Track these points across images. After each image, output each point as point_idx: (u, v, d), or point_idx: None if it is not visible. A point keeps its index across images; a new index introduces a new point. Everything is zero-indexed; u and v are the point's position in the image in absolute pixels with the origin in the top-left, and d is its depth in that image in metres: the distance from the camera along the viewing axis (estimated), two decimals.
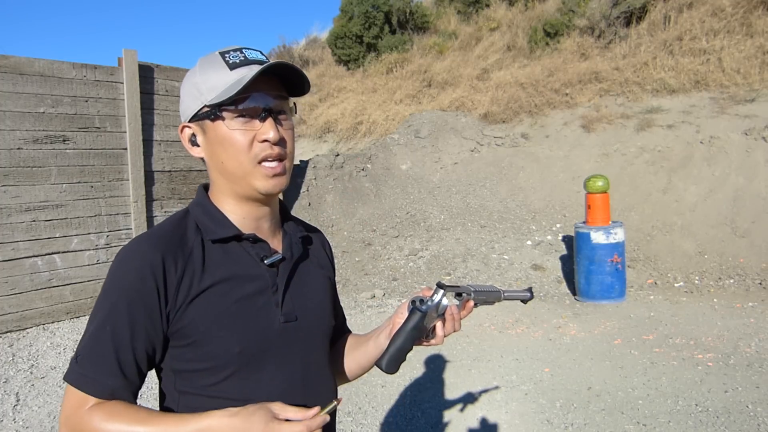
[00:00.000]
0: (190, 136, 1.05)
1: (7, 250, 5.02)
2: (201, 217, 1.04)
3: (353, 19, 12.16)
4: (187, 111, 1.03)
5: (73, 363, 0.95)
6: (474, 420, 3.36)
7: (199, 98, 1.00)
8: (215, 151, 1.02)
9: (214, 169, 1.05)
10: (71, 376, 0.95)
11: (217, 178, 1.05)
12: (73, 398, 0.94)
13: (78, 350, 0.96)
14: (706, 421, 3.19)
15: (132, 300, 0.94)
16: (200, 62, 1.03)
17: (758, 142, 6.96)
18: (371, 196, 8.41)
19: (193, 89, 1.01)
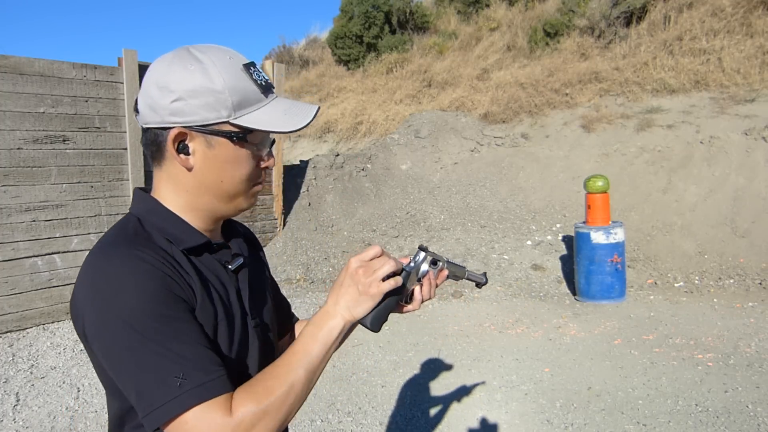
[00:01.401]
0: (180, 141, 0.92)
1: (7, 250, 5.02)
2: (162, 225, 0.94)
3: (353, 19, 12.16)
4: (185, 116, 0.90)
5: (176, 389, 0.81)
6: (474, 420, 3.36)
7: (219, 109, 0.90)
8: (218, 168, 0.94)
9: (198, 187, 0.95)
10: (191, 399, 0.81)
11: (194, 195, 0.96)
12: (206, 417, 0.81)
13: (162, 375, 0.81)
14: (706, 421, 3.19)
15: (170, 304, 0.86)
16: (213, 63, 0.90)
17: (758, 142, 6.97)
18: (371, 196, 8.41)
19: (213, 95, 0.89)
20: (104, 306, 0.83)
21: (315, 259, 7.09)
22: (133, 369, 0.82)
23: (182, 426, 0.81)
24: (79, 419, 3.51)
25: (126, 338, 0.82)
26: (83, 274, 0.89)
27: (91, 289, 0.86)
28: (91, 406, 3.69)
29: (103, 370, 0.91)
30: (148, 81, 0.92)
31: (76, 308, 0.89)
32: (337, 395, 3.73)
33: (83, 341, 0.90)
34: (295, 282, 6.61)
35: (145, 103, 0.92)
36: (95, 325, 0.85)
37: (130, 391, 0.84)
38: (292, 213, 7.80)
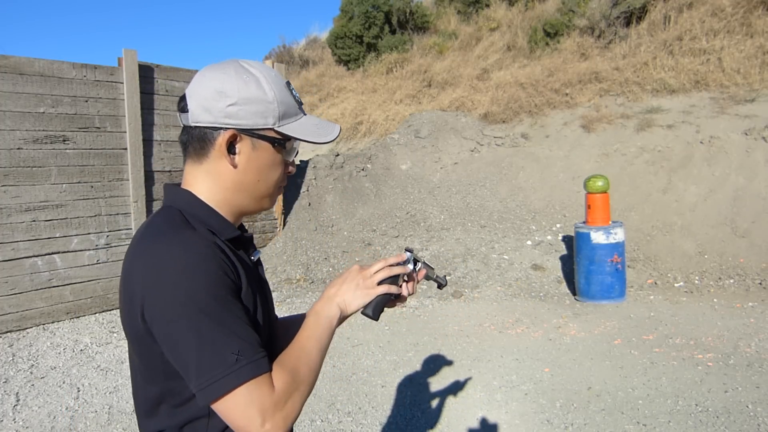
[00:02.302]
0: (231, 141, 1.02)
1: (7, 250, 5.02)
2: (202, 217, 1.02)
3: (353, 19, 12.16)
4: (239, 119, 1.00)
5: (233, 364, 0.88)
6: (474, 420, 3.36)
7: (267, 117, 1.02)
8: (254, 171, 1.04)
9: (237, 185, 1.04)
10: (247, 373, 0.89)
11: (231, 192, 1.05)
12: (256, 390, 0.89)
13: (220, 350, 0.89)
14: (706, 421, 3.19)
15: (226, 286, 0.94)
16: (263, 76, 1.02)
17: (758, 142, 6.97)
18: (371, 196, 8.41)
19: (264, 104, 1.01)
20: (169, 286, 0.90)
21: (315, 259, 7.10)
22: (194, 344, 0.89)
23: (236, 399, 0.88)
24: (79, 419, 3.52)
25: (189, 315, 0.89)
26: (141, 259, 0.95)
27: (152, 271, 0.92)
28: (91, 406, 3.69)
29: (149, 354, 0.97)
30: (203, 85, 1.01)
31: (132, 293, 0.95)
32: (337, 395, 3.73)
33: (136, 326, 0.96)
34: (295, 282, 6.61)
35: (198, 104, 1.01)
36: (158, 306, 0.91)
37: (189, 365, 0.89)
38: (292, 213, 7.81)
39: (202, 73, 1.03)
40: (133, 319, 0.96)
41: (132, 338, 1.00)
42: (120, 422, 3.48)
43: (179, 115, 1.05)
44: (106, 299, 5.68)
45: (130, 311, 0.96)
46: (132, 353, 1.05)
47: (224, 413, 0.89)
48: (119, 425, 3.44)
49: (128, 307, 0.97)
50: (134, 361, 1.05)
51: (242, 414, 0.88)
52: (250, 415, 0.88)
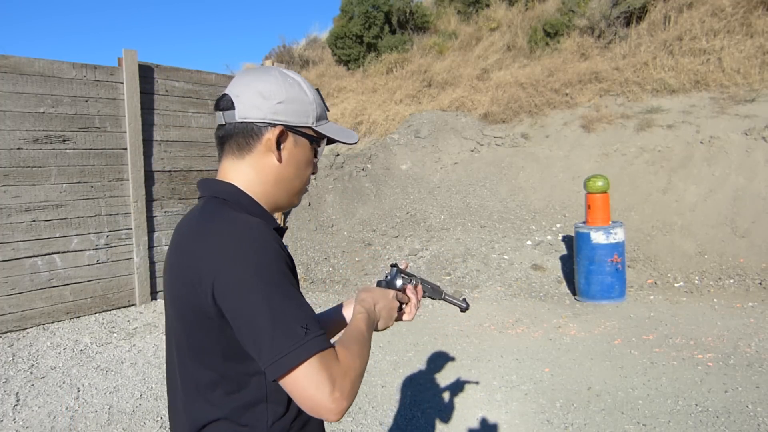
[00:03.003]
0: (280, 139, 1.09)
1: (7, 250, 5.02)
2: (248, 207, 1.08)
3: (353, 19, 12.16)
4: (286, 116, 1.08)
5: (303, 337, 0.91)
6: (474, 420, 3.36)
7: (308, 116, 1.11)
8: (294, 166, 1.12)
9: (277, 179, 1.11)
10: (316, 345, 0.91)
11: (270, 186, 1.11)
12: (325, 362, 0.91)
13: (283, 325, 0.91)
14: (706, 421, 3.19)
15: (286, 264, 0.99)
16: (302, 81, 1.12)
17: (758, 142, 6.96)
18: (371, 196, 8.41)
19: (305, 105, 1.10)
20: (240, 262, 0.93)
21: (315, 259, 7.10)
22: (267, 317, 0.91)
23: (307, 369, 0.90)
24: (79, 419, 3.51)
25: (262, 289, 0.92)
26: (205, 240, 0.98)
27: (221, 249, 0.95)
28: (91, 406, 3.69)
29: (211, 336, 0.99)
30: (250, 85, 1.08)
31: (197, 274, 0.97)
32: None
33: (201, 307, 0.97)
34: None
35: (247, 101, 1.07)
36: (231, 281, 0.93)
37: (262, 338, 0.91)
38: (292, 213, 7.80)
39: (246, 76, 1.11)
40: (198, 300, 0.97)
41: (190, 322, 1.02)
42: (120, 422, 3.47)
43: (221, 113, 1.10)
44: (106, 299, 5.68)
45: (195, 293, 0.97)
46: (182, 339, 1.06)
47: (293, 384, 0.90)
48: (119, 425, 3.44)
49: (189, 290, 0.98)
50: (184, 348, 1.06)
51: (313, 383, 0.90)
52: (320, 384, 0.90)
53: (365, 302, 1.16)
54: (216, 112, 1.12)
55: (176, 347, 1.09)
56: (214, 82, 6.64)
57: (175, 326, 1.08)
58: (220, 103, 1.10)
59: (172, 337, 1.10)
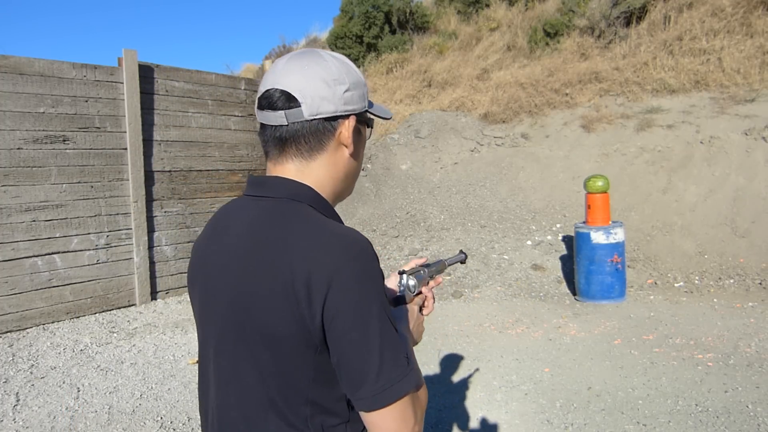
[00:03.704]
0: (354, 128, 1.00)
1: (7, 250, 5.02)
2: (329, 213, 1.00)
3: (353, 19, 12.16)
4: (355, 104, 0.99)
5: (406, 369, 0.86)
6: (474, 420, 3.36)
7: (365, 99, 1.02)
8: (360, 154, 1.05)
9: (347, 173, 1.04)
10: (414, 378, 0.87)
11: (340, 181, 1.03)
12: (414, 396, 0.88)
13: (392, 358, 0.86)
14: (706, 421, 3.19)
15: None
16: (346, 59, 1.01)
17: (758, 142, 6.96)
18: (371, 196, 8.41)
19: (363, 87, 1.01)
20: (358, 282, 0.85)
21: None
22: (377, 345, 0.84)
23: (402, 404, 0.85)
24: (79, 419, 3.51)
25: (377, 316, 0.85)
26: (311, 248, 0.86)
27: (335, 263, 0.85)
28: (91, 406, 3.69)
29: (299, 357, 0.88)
30: (307, 76, 0.95)
31: (312, 289, 0.84)
32: None
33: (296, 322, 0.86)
34: None
35: (315, 95, 0.94)
36: (347, 300, 0.84)
37: (369, 367, 0.84)
38: None
39: (296, 63, 0.97)
40: (292, 318, 0.86)
41: (278, 342, 0.88)
42: (120, 422, 3.47)
43: (281, 113, 0.95)
44: (106, 299, 5.68)
45: (291, 309, 0.86)
46: (255, 354, 0.92)
47: (386, 416, 0.85)
48: (119, 425, 3.44)
49: (283, 307, 0.86)
50: (257, 364, 0.92)
51: (403, 417, 0.86)
52: (408, 419, 0.86)
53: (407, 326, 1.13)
54: (266, 111, 0.97)
55: (243, 362, 0.94)
56: (214, 82, 6.64)
57: (240, 338, 0.93)
58: (276, 102, 0.96)
59: (232, 350, 0.95)
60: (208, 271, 1.00)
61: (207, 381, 1.03)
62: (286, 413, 0.91)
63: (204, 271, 1.01)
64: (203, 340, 1.03)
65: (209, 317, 1.00)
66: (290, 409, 0.91)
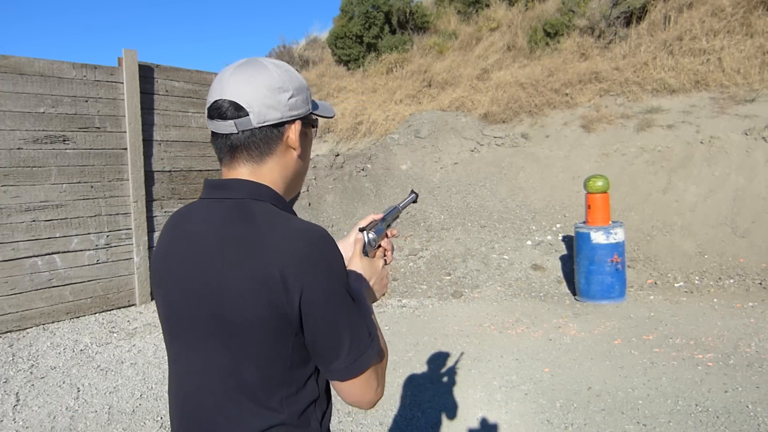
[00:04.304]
0: (300, 131, 1.08)
1: (7, 250, 5.02)
2: (288, 209, 1.08)
3: (353, 19, 12.16)
4: (299, 109, 1.06)
5: (368, 340, 0.99)
6: (474, 420, 3.36)
7: (308, 102, 1.09)
8: (307, 154, 1.12)
9: (297, 172, 1.11)
10: (376, 347, 1.01)
11: (291, 180, 1.11)
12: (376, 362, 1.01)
13: (359, 331, 0.99)
14: (706, 421, 3.19)
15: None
16: (291, 68, 1.09)
17: (758, 142, 6.96)
18: (371, 196, 8.41)
19: (306, 90, 1.08)
20: (331, 271, 0.96)
21: None
22: (347, 323, 0.97)
23: (370, 372, 1.00)
24: (79, 419, 3.52)
25: (344, 296, 0.97)
26: (285, 240, 0.95)
27: (310, 254, 0.94)
28: (91, 406, 3.69)
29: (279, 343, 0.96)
30: (252, 86, 1.01)
31: (281, 274, 0.92)
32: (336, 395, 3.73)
33: (275, 311, 0.93)
34: None
35: (261, 104, 1.01)
36: (323, 291, 0.95)
37: (342, 343, 0.96)
38: None
39: (240, 75, 1.02)
40: (276, 302, 0.93)
41: (255, 325, 0.94)
42: (120, 422, 3.48)
43: (231, 122, 1.01)
44: (106, 299, 5.68)
45: (271, 293, 0.92)
46: (233, 344, 0.97)
47: (355, 384, 0.99)
48: (119, 425, 3.44)
49: (262, 289, 0.92)
50: (233, 354, 0.98)
51: (369, 383, 1.00)
52: (372, 383, 1.00)
53: (363, 281, 1.20)
54: (217, 121, 1.02)
55: (215, 353, 0.99)
56: None
57: (212, 330, 0.98)
58: (225, 112, 1.01)
59: (203, 342, 1.00)
60: (173, 272, 1.05)
61: (177, 376, 1.08)
62: (260, 396, 0.98)
63: (168, 273, 1.06)
64: (172, 338, 1.08)
65: (177, 315, 1.05)
66: (266, 391, 0.98)
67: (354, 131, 10.82)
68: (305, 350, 0.99)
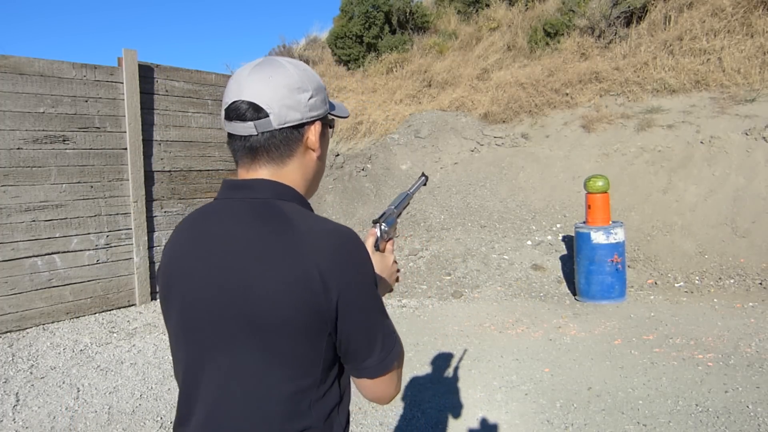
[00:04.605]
0: (320, 132, 1.07)
1: (7, 250, 5.02)
2: (311, 210, 1.10)
3: (353, 19, 12.16)
4: (318, 109, 1.05)
5: (395, 338, 1.03)
6: (474, 420, 3.36)
7: (326, 102, 1.08)
8: (324, 154, 1.11)
9: (316, 172, 1.11)
10: (401, 345, 1.05)
11: (311, 181, 1.10)
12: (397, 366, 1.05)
13: (387, 330, 1.02)
14: (706, 421, 3.19)
15: None
16: (309, 68, 1.08)
17: (758, 142, 6.96)
18: (371, 196, 8.41)
19: (322, 91, 1.07)
20: (365, 272, 0.98)
21: None
22: (380, 322, 1.00)
23: (396, 369, 1.03)
24: (79, 419, 3.51)
25: (377, 297, 1.00)
26: (322, 240, 0.95)
27: (347, 255, 0.96)
28: (91, 406, 3.69)
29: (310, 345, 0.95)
30: (271, 86, 0.99)
31: (320, 274, 0.92)
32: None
33: (309, 314, 0.92)
34: None
35: (281, 105, 1.00)
36: (360, 292, 0.96)
37: (376, 342, 0.99)
38: None
39: (259, 74, 1.00)
40: (315, 302, 0.91)
41: (291, 326, 0.92)
42: (120, 422, 3.47)
43: (250, 123, 0.99)
44: (106, 299, 5.68)
45: (310, 293, 0.91)
46: (265, 346, 0.94)
47: (383, 381, 1.01)
48: (119, 425, 3.44)
49: (299, 290, 0.91)
50: (264, 356, 0.95)
51: (394, 379, 1.03)
52: (395, 379, 1.04)
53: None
54: (235, 122, 1.00)
55: (244, 355, 0.96)
56: (214, 82, 6.64)
57: (242, 331, 0.95)
58: (244, 113, 0.99)
59: (230, 344, 0.96)
60: (195, 272, 1.00)
61: (194, 386, 1.02)
62: (290, 400, 0.96)
63: (189, 273, 1.01)
64: (190, 341, 1.02)
65: (199, 316, 0.99)
66: (297, 395, 0.96)
67: (354, 131, 10.81)
68: (335, 351, 0.98)
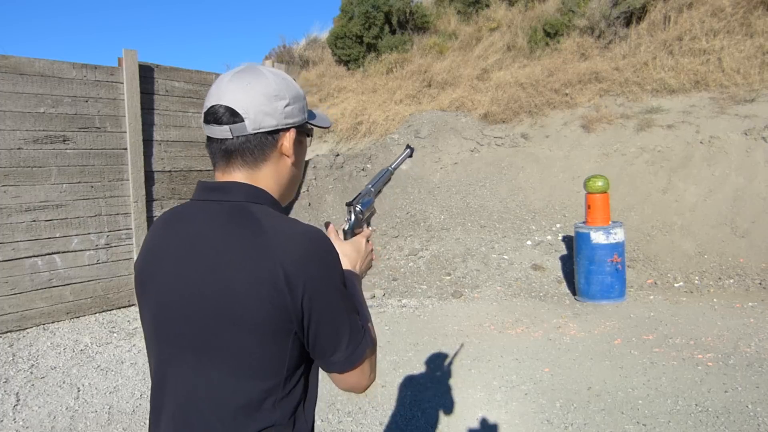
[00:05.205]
0: (295, 139, 1.10)
1: (7, 250, 5.02)
2: (283, 213, 1.11)
3: (353, 19, 12.16)
4: (295, 117, 1.08)
5: (363, 331, 1.05)
6: (474, 420, 3.36)
7: (304, 111, 1.11)
8: (301, 162, 1.15)
9: (291, 179, 1.13)
10: (369, 337, 1.07)
11: (285, 187, 1.13)
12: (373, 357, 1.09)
13: (355, 326, 1.04)
14: (706, 421, 3.19)
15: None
16: (286, 74, 1.11)
17: (758, 142, 6.96)
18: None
19: (302, 99, 1.10)
20: (331, 271, 1.00)
21: None
22: (345, 319, 1.01)
23: (367, 361, 1.05)
24: (79, 419, 3.52)
25: (343, 294, 1.02)
26: (289, 241, 0.97)
27: (312, 255, 0.98)
28: (91, 406, 3.69)
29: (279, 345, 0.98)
30: (249, 93, 1.03)
31: (285, 275, 0.94)
32: (337, 395, 3.73)
33: (276, 313, 0.95)
34: None
35: (257, 111, 1.03)
36: (324, 291, 0.98)
37: (341, 338, 1.01)
38: (291, 213, 7.81)
39: (239, 81, 1.04)
40: (281, 303, 0.94)
41: (259, 329, 0.95)
42: (120, 422, 3.48)
43: (226, 127, 1.03)
44: (106, 299, 5.68)
45: (276, 295, 0.94)
46: (231, 348, 0.97)
47: (354, 374, 1.04)
48: (119, 425, 3.44)
49: (266, 292, 0.94)
50: (232, 358, 0.97)
51: (366, 370, 1.05)
52: (367, 369, 1.06)
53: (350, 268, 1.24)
54: (212, 126, 1.05)
55: (214, 354, 0.99)
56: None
57: (212, 331, 0.98)
58: (221, 117, 1.04)
59: (201, 343, 0.99)
60: (168, 273, 1.03)
61: (166, 379, 1.05)
62: (257, 398, 0.99)
63: (162, 274, 1.04)
64: (161, 340, 1.05)
65: (171, 316, 1.03)
66: (263, 392, 0.99)
67: (354, 131, 10.81)
68: (301, 350, 1.01)
